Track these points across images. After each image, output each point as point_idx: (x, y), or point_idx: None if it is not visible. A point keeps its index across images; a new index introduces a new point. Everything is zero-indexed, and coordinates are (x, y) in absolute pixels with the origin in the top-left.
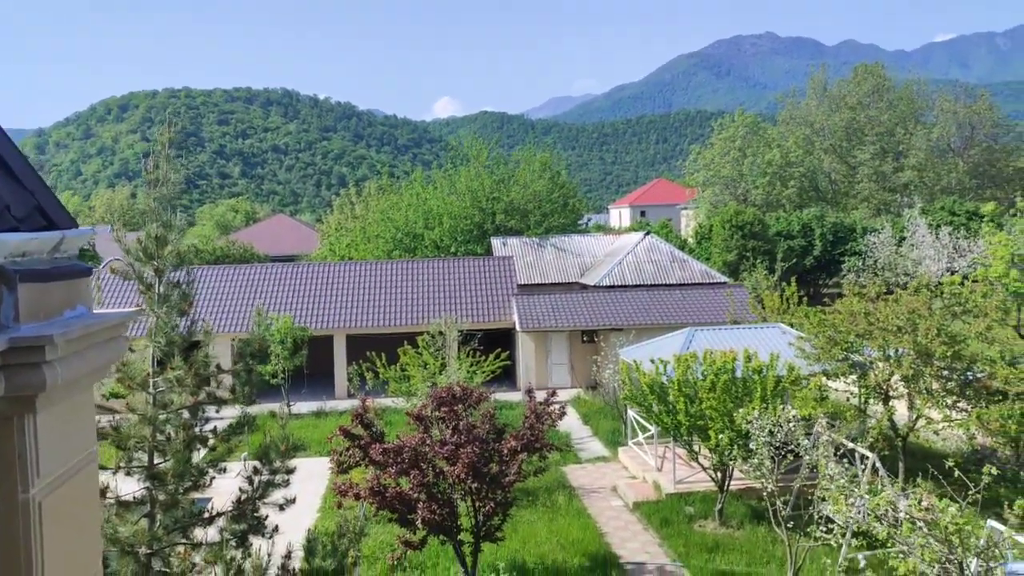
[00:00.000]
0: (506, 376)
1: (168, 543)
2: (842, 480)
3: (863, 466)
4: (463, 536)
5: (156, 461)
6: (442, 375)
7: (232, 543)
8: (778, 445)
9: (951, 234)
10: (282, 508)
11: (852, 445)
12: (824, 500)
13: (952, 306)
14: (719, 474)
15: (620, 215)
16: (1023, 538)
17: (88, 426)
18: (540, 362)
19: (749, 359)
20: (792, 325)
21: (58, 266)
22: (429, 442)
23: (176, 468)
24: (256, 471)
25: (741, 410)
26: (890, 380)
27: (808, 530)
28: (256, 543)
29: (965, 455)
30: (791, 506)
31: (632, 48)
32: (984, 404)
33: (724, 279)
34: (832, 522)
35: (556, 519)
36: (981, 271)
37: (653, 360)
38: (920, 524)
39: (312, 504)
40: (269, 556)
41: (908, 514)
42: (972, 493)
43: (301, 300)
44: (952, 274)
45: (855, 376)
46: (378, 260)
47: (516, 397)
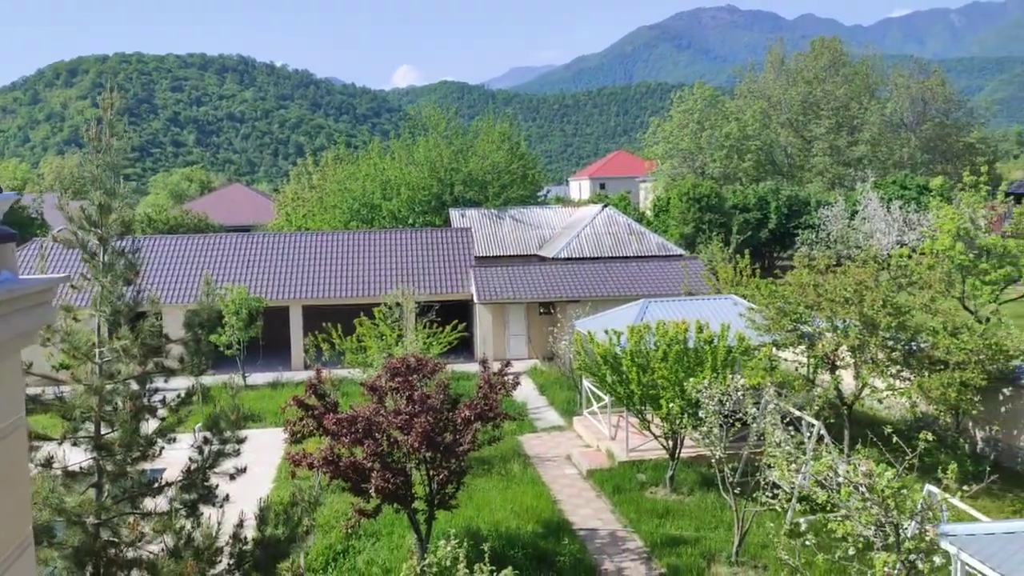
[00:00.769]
0: (464, 347)
1: (116, 513)
2: (788, 447)
3: (809, 434)
4: (417, 504)
5: (103, 432)
6: (399, 346)
7: (182, 512)
8: (727, 413)
9: (902, 208)
10: (233, 477)
11: (799, 413)
12: (771, 467)
13: (898, 278)
14: (670, 442)
15: (580, 187)
16: (958, 500)
17: (14, 392)
18: (498, 334)
19: (701, 330)
20: (744, 297)
21: None
22: (383, 412)
23: (123, 438)
24: (207, 441)
25: (692, 379)
26: (837, 350)
27: (755, 496)
28: (207, 512)
29: (908, 423)
30: (739, 473)
31: (593, 19)
32: (926, 373)
33: (680, 251)
34: (778, 488)
35: (511, 487)
36: (928, 244)
37: (607, 331)
38: (859, 488)
39: (267, 475)
40: (219, 525)
41: (847, 479)
42: (909, 459)
43: (257, 271)
44: (902, 247)
45: (804, 346)
46: (335, 231)
47: (473, 368)
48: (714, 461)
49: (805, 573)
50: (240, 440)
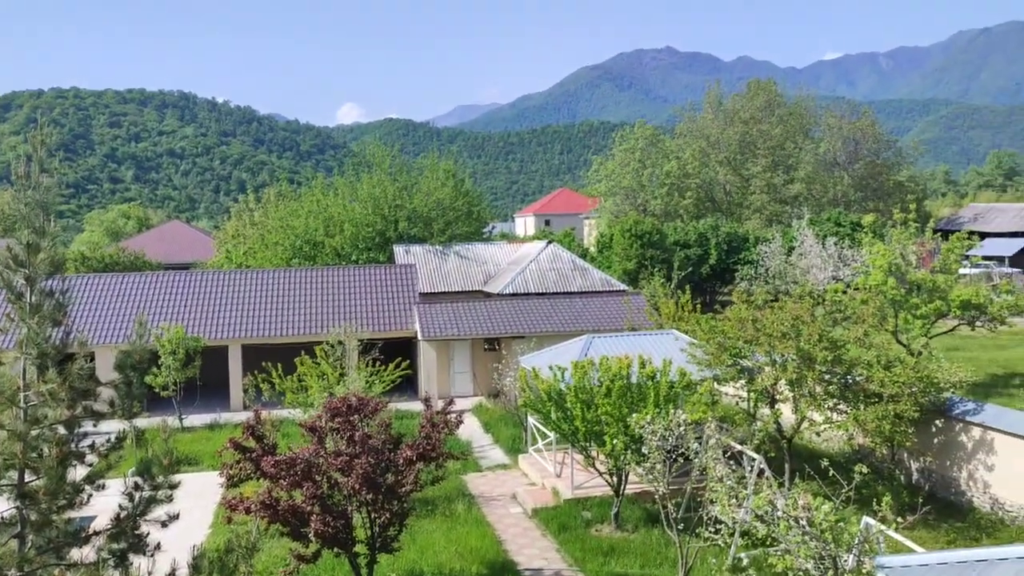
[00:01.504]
0: (408, 385)
1: (40, 565)
2: (730, 482)
3: (750, 468)
4: (358, 548)
5: (27, 479)
6: (341, 385)
7: (110, 563)
8: (670, 449)
9: (836, 244)
10: (165, 525)
11: (740, 448)
12: (713, 502)
13: (833, 313)
14: (615, 479)
15: (525, 224)
16: (894, 532)
17: None
18: (442, 371)
19: (644, 365)
20: (686, 332)
21: None
22: (323, 453)
23: (49, 486)
24: (137, 487)
25: (635, 415)
26: (776, 384)
27: (698, 531)
28: (136, 562)
29: (846, 455)
30: (683, 508)
31: (537, 59)
32: (862, 406)
33: (623, 287)
34: (721, 523)
35: (455, 528)
36: (862, 279)
37: (551, 367)
38: (797, 522)
39: (203, 520)
40: (150, 574)
41: (787, 513)
42: (846, 491)
43: (195, 309)
44: (837, 282)
45: (744, 381)
46: (276, 268)
47: (417, 407)
48: (658, 497)
49: None
50: (173, 485)
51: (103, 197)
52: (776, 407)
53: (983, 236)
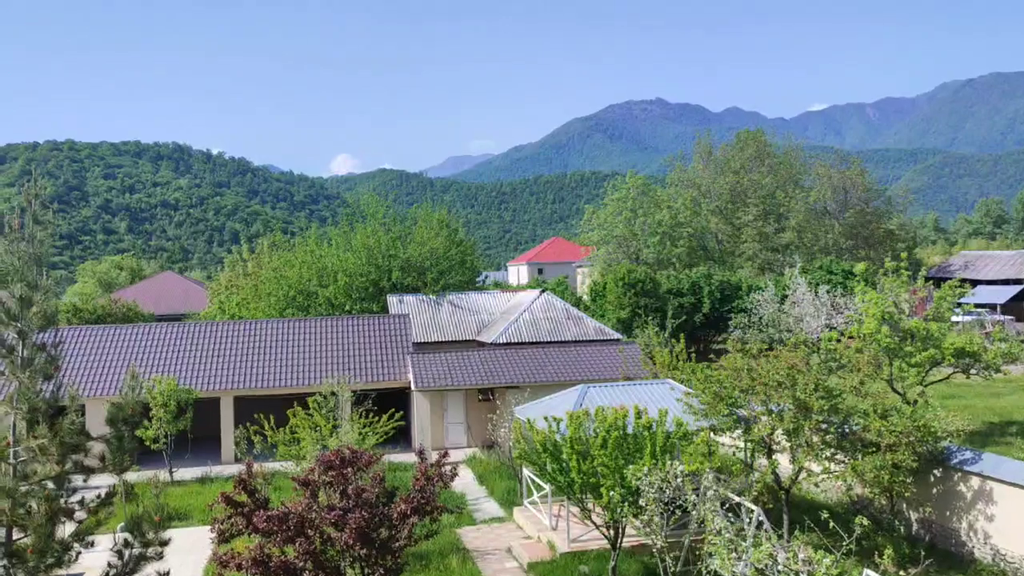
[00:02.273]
0: (401, 436)
1: None
2: (728, 534)
3: (748, 519)
4: None
5: (16, 537)
6: (334, 437)
7: None
8: (667, 501)
9: (829, 292)
10: None
11: (738, 499)
12: (712, 555)
13: (828, 361)
14: (612, 532)
15: (518, 272)
16: None
17: None
18: (436, 421)
19: (640, 415)
20: (681, 381)
21: None
22: (316, 508)
23: (37, 544)
24: (127, 544)
25: (631, 467)
26: (773, 434)
27: None
28: None
29: (845, 506)
30: (681, 561)
31: (529, 111)
32: (860, 456)
33: (617, 336)
34: None
35: None
36: (855, 328)
37: (546, 418)
38: None
39: None
40: None
41: (787, 567)
42: (846, 544)
43: (187, 361)
44: (830, 330)
45: (740, 430)
46: (269, 319)
47: (411, 458)
48: (656, 550)
49: None
50: (164, 542)
51: (97, 248)
52: (773, 457)
53: (974, 283)
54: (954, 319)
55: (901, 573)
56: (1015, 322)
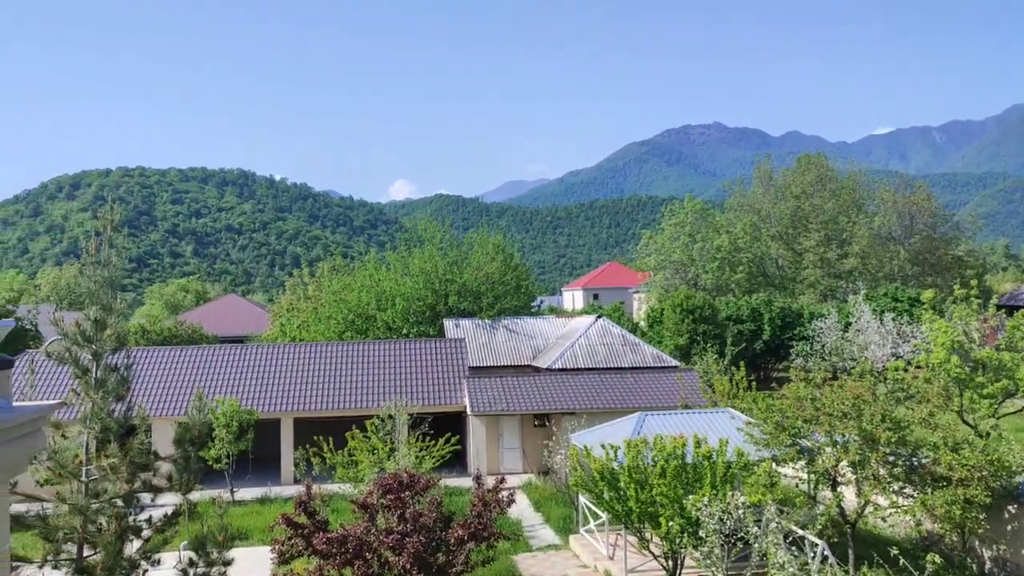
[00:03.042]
0: (457, 461)
1: None
2: (791, 568)
3: (812, 554)
4: None
5: (86, 554)
6: (391, 460)
7: None
8: (728, 532)
9: (895, 320)
10: None
11: (802, 532)
12: None
13: (895, 392)
14: (670, 562)
15: (573, 298)
16: None
17: (1, 525)
18: (491, 446)
19: (699, 444)
20: (741, 410)
21: None
22: (374, 531)
23: (106, 561)
24: (192, 563)
25: (691, 497)
26: (837, 466)
27: None
28: None
29: (913, 541)
30: None
31: (585, 136)
32: (929, 490)
33: (675, 363)
34: None
35: None
36: (923, 357)
37: (604, 445)
38: None
39: None
40: None
41: None
42: None
43: (249, 382)
44: (897, 359)
45: (803, 462)
46: (328, 341)
47: (466, 483)
48: None
49: None
50: (227, 562)
51: (164, 271)
52: (838, 490)
53: None
54: None
55: None
56: None
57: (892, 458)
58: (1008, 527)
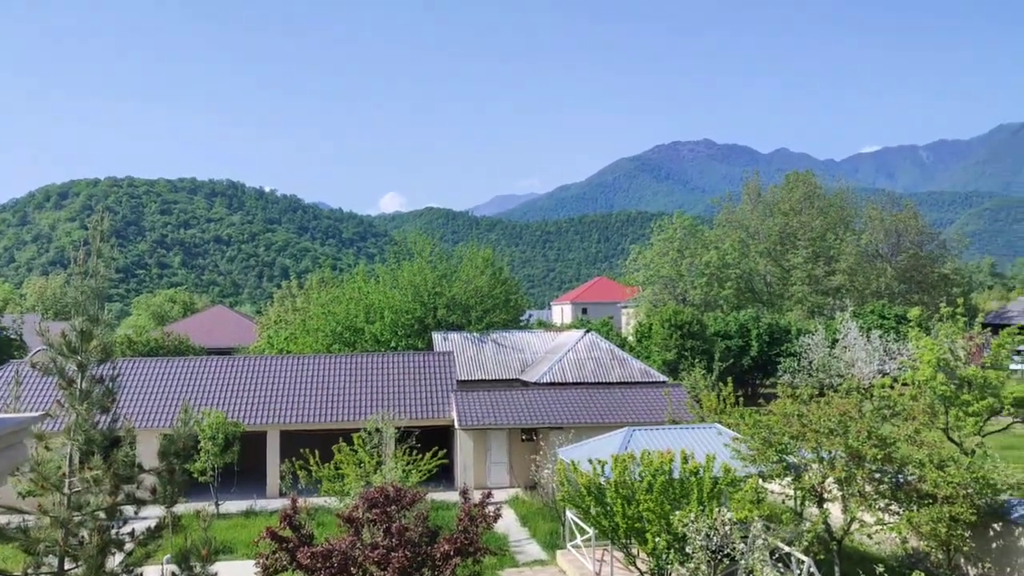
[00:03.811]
0: (444, 475)
1: None
2: None
3: (799, 571)
4: None
5: (67, 567)
6: (377, 474)
7: None
8: (715, 549)
9: (881, 337)
10: None
11: (788, 549)
12: None
13: (882, 409)
14: None
15: (562, 312)
16: None
17: None
18: (479, 461)
19: (686, 460)
20: (729, 425)
21: None
22: (359, 545)
23: (87, 574)
24: None
25: (678, 512)
26: (824, 482)
27: None
28: None
29: (899, 559)
30: None
31: (575, 151)
32: (915, 507)
33: (663, 378)
34: None
35: None
36: (909, 374)
37: (591, 460)
38: None
39: None
40: None
41: None
42: None
43: (235, 394)
44: (883, 376)
45: (790, 478)
46: (316, 354)
47: (453, 497)
48: None
49: None
50: None
51: (151, 282)
52: (824, 506)
53: None
54: (1012, 367)
55: None
56: None
57: (878, 475)
58: (993, 545)
